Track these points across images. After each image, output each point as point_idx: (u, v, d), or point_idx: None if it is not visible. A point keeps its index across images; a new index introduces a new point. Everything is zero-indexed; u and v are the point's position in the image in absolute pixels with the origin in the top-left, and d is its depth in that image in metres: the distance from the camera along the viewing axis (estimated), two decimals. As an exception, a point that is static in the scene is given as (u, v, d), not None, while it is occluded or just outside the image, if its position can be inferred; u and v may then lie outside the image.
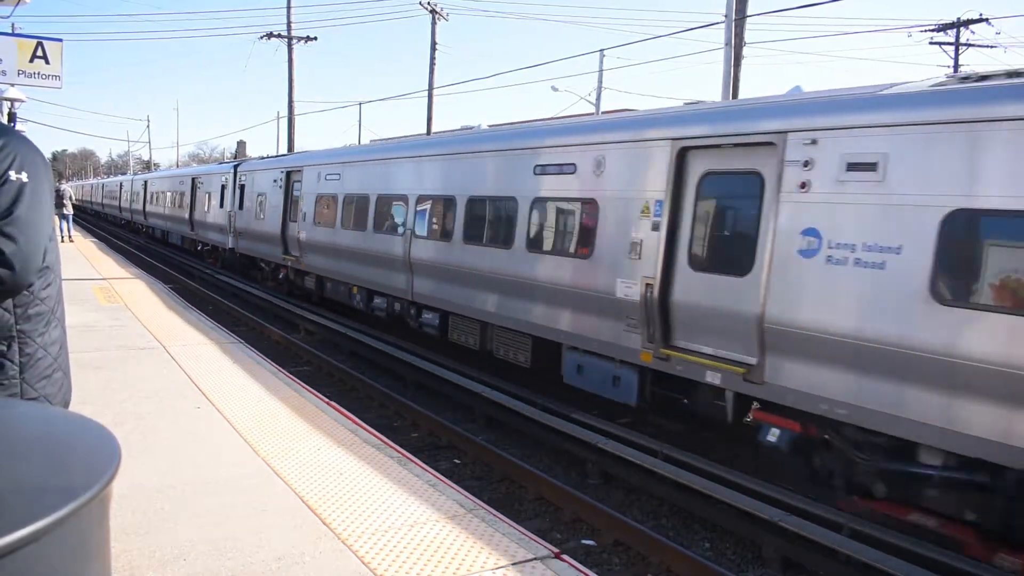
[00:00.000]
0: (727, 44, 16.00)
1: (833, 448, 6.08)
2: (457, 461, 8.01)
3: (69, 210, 25.68)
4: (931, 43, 30.21)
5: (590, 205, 8.16)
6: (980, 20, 28.95)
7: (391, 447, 5.75)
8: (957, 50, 29.70)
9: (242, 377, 7.81)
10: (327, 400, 7.13)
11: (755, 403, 6.82)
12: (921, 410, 5.23)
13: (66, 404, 2.11)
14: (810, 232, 5.93)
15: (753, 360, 6.34)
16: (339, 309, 15.33)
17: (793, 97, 6.99)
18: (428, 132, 28.59)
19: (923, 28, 30.11)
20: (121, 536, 3.87)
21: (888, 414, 5.42)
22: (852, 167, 5.73)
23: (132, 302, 12.72)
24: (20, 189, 1.81)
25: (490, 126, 12.78)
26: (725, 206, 7.01)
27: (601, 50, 29.24)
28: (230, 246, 21.60)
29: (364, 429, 6.21)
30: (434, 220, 11.10)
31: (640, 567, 5.75)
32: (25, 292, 1.91)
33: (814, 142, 6.01)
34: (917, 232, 5.28)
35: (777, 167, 6.24)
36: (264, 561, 3.78)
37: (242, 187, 20.34)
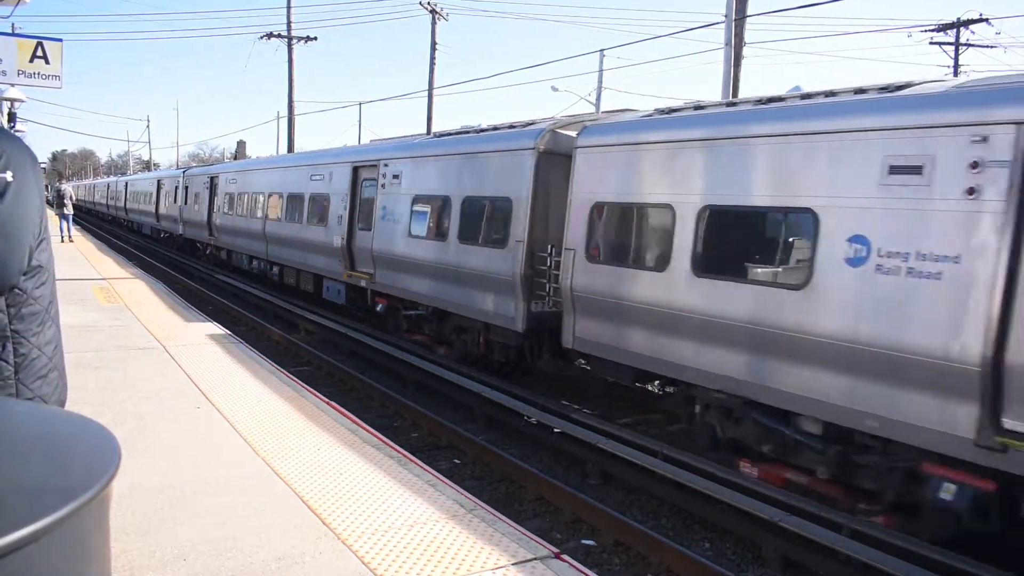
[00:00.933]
0: (727, 44, 16.00)
1: (398, 310, 12.65)
2: (457, 461, 8.01)
3: (69, 210, 25.60)
4: (931, 43, 30.21)
5: (328, 198, 14.95)
6: (980, 20, 28.93)
7: (391, 447, 5.75)
8: (957, 50, 29.70)
9: (242, 377, 7.82)
10: (327, 400, 7.13)
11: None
12: (412, 285, 11.78)
13: (62, 404, 2.09)
14: (383, 207, 12.69)
15: (372, 272, 12.99)
16: (335, 308, 15.37)
17: (388, 140, 14.37)
18: (428, 132, 28.53)
19: (923, 28, 30.10)
20: (121, 536, 3.87)
21: (404, 288, 12.07)
22: (394, 177, 12.48)
23: (132, 302, 12.73)
24: (3, 189, 1.79)
25: (489, 125, 13.05)
26: (369, 195, 13.47)
27: (601, 50, 29.34)
28: (180, 232, 28.24)
29: (364, 429, 6.21)
30: (272, 207, 18.27)
31: (640, 567, 5.75)
32: (18, 292, 1.89)
33: (387, 164, 12.73)
34: (407, 206, 11.96)
35: (379, 176, 12.88)
36: (264, 561, 3.78)
37: (186, 188, 26.85)
